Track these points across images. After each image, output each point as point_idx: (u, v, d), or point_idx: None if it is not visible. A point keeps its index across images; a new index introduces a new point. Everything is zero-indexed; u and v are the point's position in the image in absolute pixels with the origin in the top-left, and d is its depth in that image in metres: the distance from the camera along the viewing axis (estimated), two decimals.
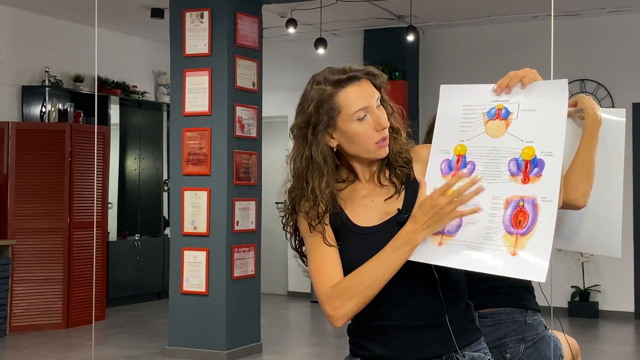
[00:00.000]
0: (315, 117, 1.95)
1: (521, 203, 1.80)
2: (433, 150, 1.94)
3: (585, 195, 2.31)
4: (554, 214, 1.77)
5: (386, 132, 1.94)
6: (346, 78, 1.94)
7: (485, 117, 1.91)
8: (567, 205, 2.27)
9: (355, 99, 1.92)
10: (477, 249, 1.81)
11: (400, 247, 1.84)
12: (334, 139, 1.96)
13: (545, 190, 1.80)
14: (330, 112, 1.93)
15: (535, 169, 1.82)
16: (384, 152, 1.95)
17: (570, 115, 2.47)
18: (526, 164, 1.82)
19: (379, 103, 1.95)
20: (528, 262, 1.76)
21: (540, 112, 1.87)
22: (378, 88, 1.97)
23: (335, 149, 1.98)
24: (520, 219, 1.79)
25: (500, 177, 1.84)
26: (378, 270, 1.85)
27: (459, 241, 1.83)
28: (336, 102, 1.93)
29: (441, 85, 1.98)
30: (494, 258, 1.79)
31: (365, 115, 1.92)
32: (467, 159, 1.89)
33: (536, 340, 2.57)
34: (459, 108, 1.94)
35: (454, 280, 1.94)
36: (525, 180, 1.82)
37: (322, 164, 1.96)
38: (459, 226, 1.84)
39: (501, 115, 1.89)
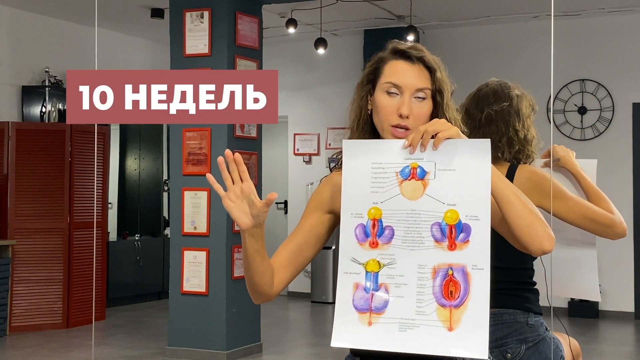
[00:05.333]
0: (367, 76, 1.96)
1: (450, 272, 1.69)
2: (344, 214, 1.79)
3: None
4: (487, 282, 1.67)
5: (409, 123, 1.85)
6: (402, 52, 1.92)
7: (399, 176, 1.75)
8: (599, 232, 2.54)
9: (394, 72, 1.89)
10: (411, 326, 1.69)
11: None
12: (369, 102, 1.94)
13: (475, 258, 1.68)
14: (375, 74, 1.93)
15: (462, 235, 1.70)
16: None
17: (547, 165, 2.72)
18: (450, 229, 1.70)
19: (422, 96, 1.87)
20: (467, 337, 1.65)
21: (460, 172, 1.72)
22: (438, 88, 1.89)
23: (370, 112, 1.95)
24: (451, 289, 1.68)
25: (424, 244, 1.72)
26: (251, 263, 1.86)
27: (390, 319, 1.71)
28: (383, 67, 1.92)
29: (343, 140, 1.83)
30: (431, 336, 1.68)
31: (396, 94, 1.87)
32: (384, 224, 1.75)
33: (537, 342, 2.58)
34: (367, 165, 1.78)
35: None
36: (452, 246, 1.70)
37: (354, 121, 1.97)
38: (386, 302, 1.72)
39: (416, 175, 1.74)
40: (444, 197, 1.72)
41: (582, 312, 8.52)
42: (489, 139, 1.74)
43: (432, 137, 1.74)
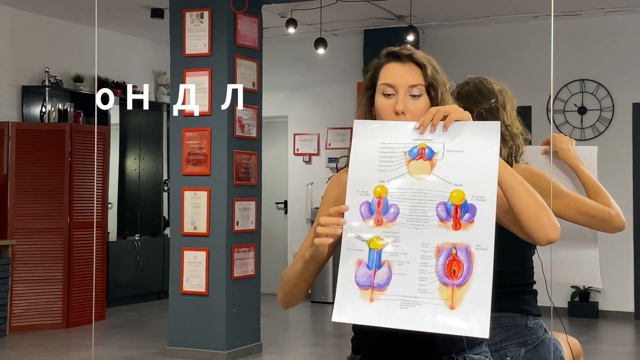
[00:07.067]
0: (366, 83, 2.03)
1: (454, 251, 1.69)
2: (349, 191, 1.80)
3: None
4: (490, 262, 1.67)
5: (406, 120, 1.89)
6: (393, 54, 1.98)
7: (407, 156, 1.77)
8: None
9: (388, 73, 1.96)
10: (413, 304, 1.69)
11: (303, 257, 1.88)
12: (373, 108, 1.99)
13: (479, 238, 1.68)
14: (373, 80, 2.00)
15: (467, 215, 1.70)
16: None
17: (546, 152, 2.72)
18: (456, 209, 1.71)
19: (416, 93, 1.92)
20: (468, 316, 1.65)
21: (468, 153, 1.74)
22: (430, 82, 1.93)
23: (374, 117, 2.00)
24: (454, 268, 1.68)
25: (429, 223, 1.72)
26: (294, 267, 1.94)
27: (392, 296, 1.71)
28: (379, 72, 1.99)
29: (355, 120, 1.87)
30: (432, 314, 1.67)
31: (392, 94, 1.93)
32: (390, 202, 1.75)
33: (537, 344, 2.57)
34: (376, 146, 1.80)
35: None
36: (457, 226, 1.70)
37: None
38: (389, 278, 1.72)
39: (425, 155, 1.76)
40: (451, 178, 1.73)
41: (582, 312, 8.52)
42: (499, 122, 1.77)
43: (443, 119, 1.79)
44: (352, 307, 1.73)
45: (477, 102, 2.64)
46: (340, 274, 1.77)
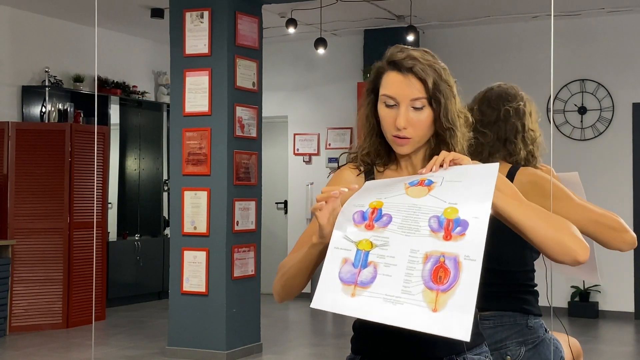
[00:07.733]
0: (369, 86, 2.00)
1: (442, 259, 1.69)
2: (347, 204, 1.83)
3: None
4: (477, 273, 1.66)
5: (408, 134, 1.90)
6: (395, 63, 1.93)
7: (407, 185, 1.82)
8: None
9: (389, 84, 1.92)
10: (395, 302, 1.68)
11: (308, 243, 1.87)
12: (377, 111, 1.97)
13: (469, 249, 1.68)
14: (376, 84, 1.97)
15: (459, 228, 1.70)
16: (400, 150, 1.94)
17: None
18: (448, 222, 1.71)
19: (418, 106, 1.90)
20: (451, 319, 1.64)
21: (465, 182, 1.78)
22: (432, 95, 1.90)
23: (377, 120, 1.99)
24: (440, 274, 1.68)
25: (420, 232, 1.73)
26: (295, 255, 1.91)
27: (374, 293, 1.70)
28: (381, 78, 1.96)
29: (367, 182, 1.91)
30: (414, 313, 1.66)
31: (394, 105, 1.91)
32: (383, 212, 1.77)
33: (537, 344, 2.57)
34: (378, 189, 1.86)
35: None
36: (447, 237, 1.70)
37: (362, 128, 2.02)
38: (373, 277, 1.72)
39: (424, 183, 1.81)
40: (447, 198, 1.75)
41: (582, 312, 8.52)
42: (497, 164, 1.79)
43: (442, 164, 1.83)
44: (333, 298, 1.73)
45: (506, 101, 2.69)
46: (324, 269, 1.77)
